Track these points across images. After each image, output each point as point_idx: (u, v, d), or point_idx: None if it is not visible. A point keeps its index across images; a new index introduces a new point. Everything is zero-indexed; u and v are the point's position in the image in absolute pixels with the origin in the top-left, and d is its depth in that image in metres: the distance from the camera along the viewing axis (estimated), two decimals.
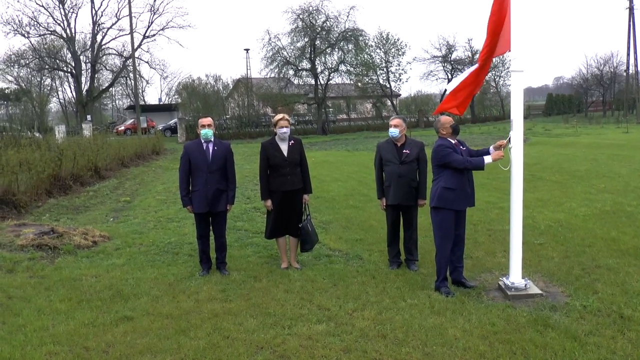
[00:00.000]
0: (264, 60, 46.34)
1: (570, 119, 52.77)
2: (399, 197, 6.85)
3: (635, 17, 50.97)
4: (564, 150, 22.23)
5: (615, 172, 14.76)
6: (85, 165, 16.56)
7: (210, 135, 6.89)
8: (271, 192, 7.01)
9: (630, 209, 9.94)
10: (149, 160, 24.24)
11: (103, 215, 11.46)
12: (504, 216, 8.85)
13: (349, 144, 32.52)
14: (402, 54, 53.31)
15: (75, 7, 51.23)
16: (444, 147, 5.98)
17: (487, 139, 30.57)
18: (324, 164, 20.45)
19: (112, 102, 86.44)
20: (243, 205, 11.60)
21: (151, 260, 7.55)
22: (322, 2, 45.11)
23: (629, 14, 51.04)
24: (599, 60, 65.16)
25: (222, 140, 7.26)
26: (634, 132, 33.42)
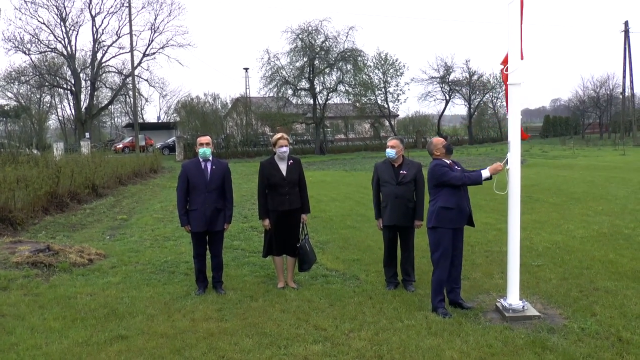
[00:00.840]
0: (262, 79, 46.73)
1: (567, 140, 53.02)
2: (395, 218, 6.84)
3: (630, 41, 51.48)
4: (562, 172, 22.27)
5: (613, 195, 14.77)
6: (82, 182, 16.52)
7: (208, 154, 6.90)
8: (269, 211, 7.00)
9: (627, 231, 9.93)
10: (146, 179, 24.21)
11: (99, 233, 11.41)
12: (502, 237, 8.83)
13: (346, 164, 32.55)
14: (400, 74, 53.72)
15: (76, 25, 51.79)
16: (440, 166, 5.99)
17: (485, 160, 30.65)
18: (322, 183, 20.44)
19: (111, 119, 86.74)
20: (240, 224, 11.57)
21: (147, 279, 7.50)
22: (321, 22, 45.49)
23: (624, 37, 51.54)
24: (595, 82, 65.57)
25: (219, 159, 7.26)
26: (631, 154, 33.53)
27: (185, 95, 69.20)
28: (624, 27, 51.51)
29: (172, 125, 57.88)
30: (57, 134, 74.14)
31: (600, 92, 64.86)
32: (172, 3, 52.51)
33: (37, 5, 49.02)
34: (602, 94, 64.76)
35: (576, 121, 70.19)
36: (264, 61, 46.27)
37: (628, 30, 51.29)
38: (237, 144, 47.96)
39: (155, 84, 57.35)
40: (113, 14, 51.93)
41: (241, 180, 22.31)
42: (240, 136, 50.47)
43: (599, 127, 68.08)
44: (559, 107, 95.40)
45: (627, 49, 51.51)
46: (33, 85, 56.57)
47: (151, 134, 57.96)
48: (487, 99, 62.97)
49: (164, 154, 44.05)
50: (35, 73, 53.27)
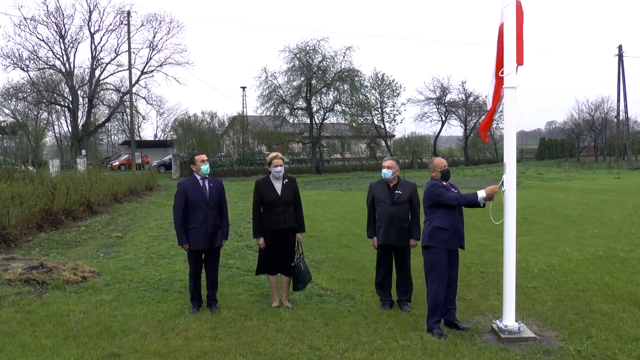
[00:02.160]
0: (260, 98, 46.79)
1: (562, 163, 53.20)
2: (389, 238, 6.83)
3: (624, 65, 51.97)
4: (557, 195, 22.32)
5: (608, 218, 14.80)
6: (78, 200, 16.46)
7: (208, 171, 6.94)
8: (264, 230, 6.98)
9: (623, 254, 9.93)
10: (142, 196, 24.14)
11: (94, 250, 11.35)
12: (498, 259, 8.82)
13: (342, 184, 32.57)
14: (396, 95, 54.00)
15: (75, 42, 52.01)
16: (437, 186, 6.00)
17: (481, 181, 30.73)
18: (318, 203, 20.43)
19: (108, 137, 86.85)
20: (235, 243, 11.53)
21: (141, 297, 7.45)
22: (319, 42, 45.76)
23: (618, 61, 52.04)
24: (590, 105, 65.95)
25: (214, 177, 7.27)
26: (626, 177, 33.66)
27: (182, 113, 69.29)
28: (617, 52, 52.06)
29: (169, 143, 57.93)
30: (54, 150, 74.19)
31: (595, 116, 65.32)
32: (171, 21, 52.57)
33: (37, 22, 49.34)
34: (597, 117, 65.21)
35: (571, 144, 70.52)
36: (262, 80, 46.48)
37: (622, 55, 51.84)
38: (233, 163, 48.00)
39: (153, 101, 57.41)
40: (112, 32, 52.15)
41: (237, 198, 22.28)
42: (236, 155, 50.54)
43: (594, 150, 68.41)
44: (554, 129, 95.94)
45: (620, 73, 52.02)
46: (30, 102, 56.67)
47: (147, 152, 57.96)
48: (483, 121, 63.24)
49: (160, 172, 44.02)
50: (33, 90, 53.39)
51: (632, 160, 53.48)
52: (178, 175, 39.73)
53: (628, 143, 55.31)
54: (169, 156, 50.07)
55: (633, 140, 60.15)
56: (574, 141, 69.98)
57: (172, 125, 67.66)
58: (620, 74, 52.04)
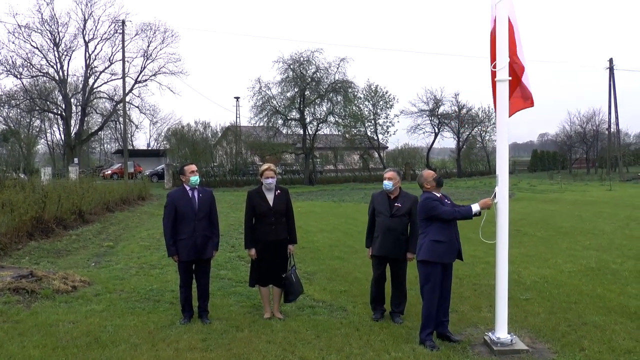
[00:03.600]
0: (253, 108, 46.81)
1: (554, 175, 53.40)
2: (384, 249, 6.82)
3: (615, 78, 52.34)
4: (549, 206, 22.38)
5: (600, 229, 14.84)
6: (69, 208, 16.36)
7: (198, 181, 6.90)
8: (256, 241, 6.94)
9: (615, 266, 9.95)
10: (134, 206, 24.05)
11: (85, 259, 11.27)
12: (490, 271, 8.81)
13: (335, 195, 32.54)
14: (390, 106, 54.21)
15: (69, 50, 51.94)
16: (431, 199, 5.99)
17: (474, 193, 30.80)
18: (310, 214, 20.40)
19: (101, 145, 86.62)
20: (227, 253, 11.48)
21: (131, 307, 7.38)
22: (312, 53, 45.87)
23: (609, 74, 52.41)
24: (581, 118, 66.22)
25: (203, 187, 7.23)
26: (617, 190, 33.81)
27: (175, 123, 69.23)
28: (608, 65, 52.45)
29: (162, 153, 57.82)
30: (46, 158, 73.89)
31: (586, 128, 65.64)
32: (166, 31, 52.41)
33: (31, 30, 49.27)
34: (588, 129, 65.54)
35: (563, 156, 70.81)
36: (255, 90, 46.55)
37: (613, 68, 52.21)
38: (226, 173, 47.92)
39: (146, 110, 57.46)
40: (106, 40, 52.09)
41: (229, 209, 22.21)
42: (229, 165, 50.47)
43: (586, 162, 68.73)
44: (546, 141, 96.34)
45: (611, 86, 52.38)
46: (23, 109, 56.49)
47: (140, 161, 57.81)
48: (476, 133, 63.54)
49: (153, 181, 43.88)
50: (25, 97, 53.20)
51: (623, 172, 53.75)
52: (170, 185, 39.61)
53: (619, 155, 55.62)
54: (162, 165, 49.95)
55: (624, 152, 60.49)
56: (566, 153, 70.27)
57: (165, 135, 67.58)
58: (611, 87, 52.43)
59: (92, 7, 50.98)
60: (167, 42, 52.82)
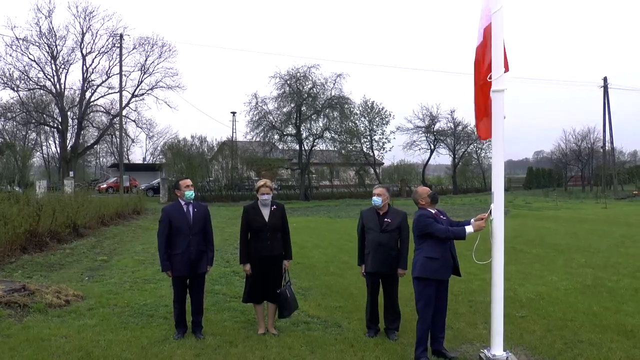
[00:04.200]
0: (250, 124, 46.92)
1: (550, 192, 53.52)
2: (377, 265, 6.80)
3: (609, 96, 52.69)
4: (545, 224, 22.40)
5: (595, 247, 14.85)
6: (64, 222, 16.29)
7: (193, 196, 6.89)
8: (251, 257, 6.92)
9: (610, 284, 9.94)
10: (129, 220, 23.97)
11: (78, 273, 11.19)
12: (486, 288, 8.78)
13: (331, 211, 32.52)
14: (386, 123, 54.45)
15: (67, 63, 52.06)
16: (425, 217, 5.99)
17: (469, 210, 30.80)
18: (306, 229, 20.35)
19: (96, 159, 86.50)
20: (222, 268, 11.43)
21: (125, 322, 7.33)
22: (309, 68, 46.10)
23: (603, 92, 52.78)
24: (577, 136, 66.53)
25: (198, 202, 7.22)
26: (612, 207, 33.90)
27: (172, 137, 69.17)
28: (603, 83, 52.84)
29: (157, 167, 57.76)
30: (41, 171, 73.66)
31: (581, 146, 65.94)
32: (163, 45, 52.56)
33: (29, 43, 49.41)
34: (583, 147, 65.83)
35: (559, 173, 71.06)
36: (252, 105, 46.70)
37: (607, 86, 52.63)
38: (221, 188, 47.87)
39: (143, 124, 57.38)
40: (104, 54, 52.28)
41: (224, 224, 22.15)
42: (225, 180, 50.43)
43: (581, 180, 68.94)
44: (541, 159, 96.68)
45: (606, 104, 52.73)
46: (19, 122, 56.40)
47: (136, 175, 57.73)
48: (472, 150, 63.79)
49: (148, 195, 43.75)
50: (22, 110, 53.19)
51: (618, 190, 53.93)
52: (166, 200, 39.51)
53: (614, 173, 55.87)
54: (157, 180, 49.85)
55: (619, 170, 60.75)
56: (562, 171, 70.52)
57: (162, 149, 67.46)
58: (606, 106, 52.77)
59: (90, 20, 51.34)
60: (164, 56, 53.04)
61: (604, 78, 52.77)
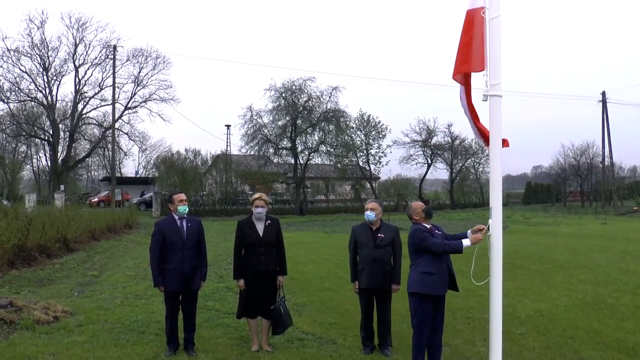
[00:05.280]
0: (244, 137, 46.94)
1: (549, 208, 53.63)
2: (372, 281, 6.77)
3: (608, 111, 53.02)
4: (544, 239, 22.42)
5: (595, 263, 14.85)
6: (53, 236, 16.22)
7: (186, 211, 6.87)
8: (244, 272, 6.88)
9: (611, 300, 9.92)
10: (121, 234, 23.90)
11: (68, 289, 11.12)
12: (484, 304, 8.76)
13: (326, 226, 32.49)
14: (382, 136, 54.52)
15: (59, 75, 52.04)
16: (420, 231, 5.97)
17: (467, 224, 30.76)
18: (300, 244, 20.31)
19: (88, 172, 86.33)
20: (215, 284, 11.37)
21: (115, 339, 7.27)
22: (305, 81, 46.23)
23: (602, 107, 53.12)
24: (575, 150, 66.84)
25: (193, 216, 7.20)
26: (612, 223, 33.98)
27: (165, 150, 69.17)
28: (601, 97, 53.18)
29: (150, 181, 57.63)
30: (31, 185, 73.48)
31: (580, 161, 66.22)
32: (158, 57, 52.57)
33: (21, 54, 49.39)
34: (582, 162, 66.10)
35: (558, 189, 71.26)
36: (246, 118, 46.75)
37: (606, 101, 52.97)
38: (215, 202, 47.79)
39: (136, 137, 57.33)
40: (97, 66, 52.26)
41: (218, 238, 22.08)
42: (219, 194, 50.36)
43: (581, 195, 69.14)
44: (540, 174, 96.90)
45: (604, 119, 53.05)
46: (9, 134, 56.32)
47: (128, 189, 57.58)
48: (469, 164, 63.95)
49: (140, 209, 43.65)
50: (12, 122, 53.05)
51: (617, 206, 54.10)
52: (159, 214, 39.42)
53: (614, 189, 56.05)
54: (150, 194, 49.75)
55: (618, 186, 60.97)
56: (560, 186, 70.74)
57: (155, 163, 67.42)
58: (604, 120, 53.08)
59: (83, 31, 51.38)
60: (158, 68, 53.07)
61: (602, 92, 53.20)
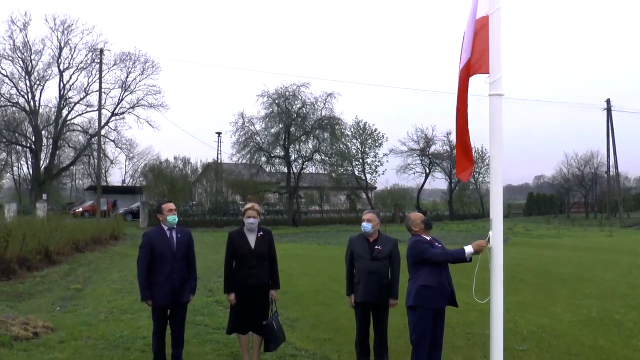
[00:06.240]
0: (236, 145, 46.86)
1: (552, 219, 53.77)
2: (369, 295, 6.74)
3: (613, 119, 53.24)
4: (547, 252, 22.45)
5: (601, 277, 14.87)
6: (34, 247, 16.11)
7: (176, 221, 6.83)
8: (235, 286, 6.84)
9: (618, 316, 9.92)
10: (106, 246, 23.78)
11: (49, 303, 11.05)
12: (484, 319, 8.72)
13: (320, 237, 32.48)
14: (379, 145, 54.56)
15: (42, 79, 51.94)
16: (420, 242, 5.97)
17: (466, 237, 30.83)
18: (293, 257, 20.26)
19: (72, 181, 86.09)
20: (204, 298, 11.32)
21: (98, 356, 7.22)
22: (298, 87, 46.25)
23: (607, 115, 53.36)
24: (579, 160, 67.21)
25: (182, 227, 7.16)
26: (618, 236, 34.08)
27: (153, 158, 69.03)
28: (606, 105, 53.44)
29: (138, 190, 57.50)
30: (11, 194, 73.13)
31: (584, 171, 66.53)
32: (146, 61, 52.53)
33: (2, 57, 49.31)
34: (586, 172, 66.42)
35: (561, 199, 71.50)
36: (238, 126, 46.67)
37: (610, 109, 53.22)
38: (205, 212, 47.71)
39: (123, 145, 57.26)
40: (82, 70, 52.16)
41: (208, 250, 22.02)
42: (209, 204, 50.27)
43: (585, 206, 69.40)
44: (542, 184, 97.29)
45: (609, 127, 53.28)
46: None
47: (114, 198, 57.42)
48: None
49: (127, 220, 43.52)
50: None
51: (624, 217, 54.27)
52: (146, 225, 39.30)
53: (619, 200, 56.24)
54: (137, 203, 49.63)
55: (624, 197, 61.22)
56: (564, 197, 71.00)
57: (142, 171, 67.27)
58: (609, 129, 53.32)
59: (68, 34, 51.35)
60: (147, 73, 53.06)
61: (607, 100, 53.44)
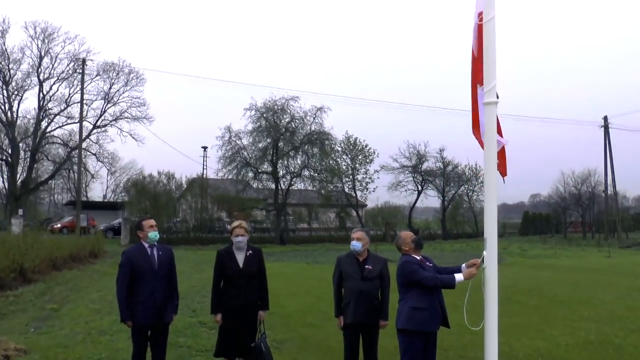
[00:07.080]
0: (222, 159, 46.71)
1: (548, 239, 53.94)
2: (359, 316, 6.70)
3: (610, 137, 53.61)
4: (543, 273, 22.50)
5: (599, 299, 14.90)
6: (8, 265, 15.96)
7: (157, 237, 6.79)
8: (223, 306, 6.80)
9: (617, 340, 9.93)
10: (85, 264, 23.61)
11: (23, 324, 10.92)
12: (478, 342, 8.68)
13: (308, 256, 32.40)
14: (369, 161, 54.63)
15: (21, 89, 51.75)
16: (410, 263, 5.96)
17: (460, 256, 30.81)
18: (281, 276, 20.17)
19: (51, 196, 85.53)
20: (188, 318, 11.24)
21: None
22: (287, 101, 46.27)
23: (604, 133, 53.74)
24: (576, 178, 67.48)
25: (162, 244, 7.11)
26: (616, 256, 34.21)
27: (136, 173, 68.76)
28: (603, 122, 53.85)
29: (119, 206, 57.20)
30: None
31: (581, 189, 66.86)
32: (130, 72, 52.52)
33: None
34: (583, 191, 66.74)
35: (557, 219, 71.74)
36: (225, 140, 46.55)
37: (608, 126, 53.63)
38: (189, 229, 47.50)
39: (104, 158, 57.10)
40: (63, 80, 52.03)
41: (192, 269, 21.86)
42: (193, 221, 50.06)
43: (582, 226, 69.63)
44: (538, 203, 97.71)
45: (607, 145, 53.65)
46: None
47: (94, 214, 57.07)
48: (462, 192, 64.17)
49: (107, 236, 43.26)
50: None
51: (622, 238, 54.50)
52: (127, 242, 39.07)
53: (617, 220, 56.47)
54: (118, 220, 49.34)
55: (623, 216, 61.52)
56: (560, 216, 71.25)
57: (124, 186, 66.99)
58: (607, 147, 53.68)
59: (49, 43, 51.28)
60: (131, 84, 53.03)
61: (604, 117, 53.85)
